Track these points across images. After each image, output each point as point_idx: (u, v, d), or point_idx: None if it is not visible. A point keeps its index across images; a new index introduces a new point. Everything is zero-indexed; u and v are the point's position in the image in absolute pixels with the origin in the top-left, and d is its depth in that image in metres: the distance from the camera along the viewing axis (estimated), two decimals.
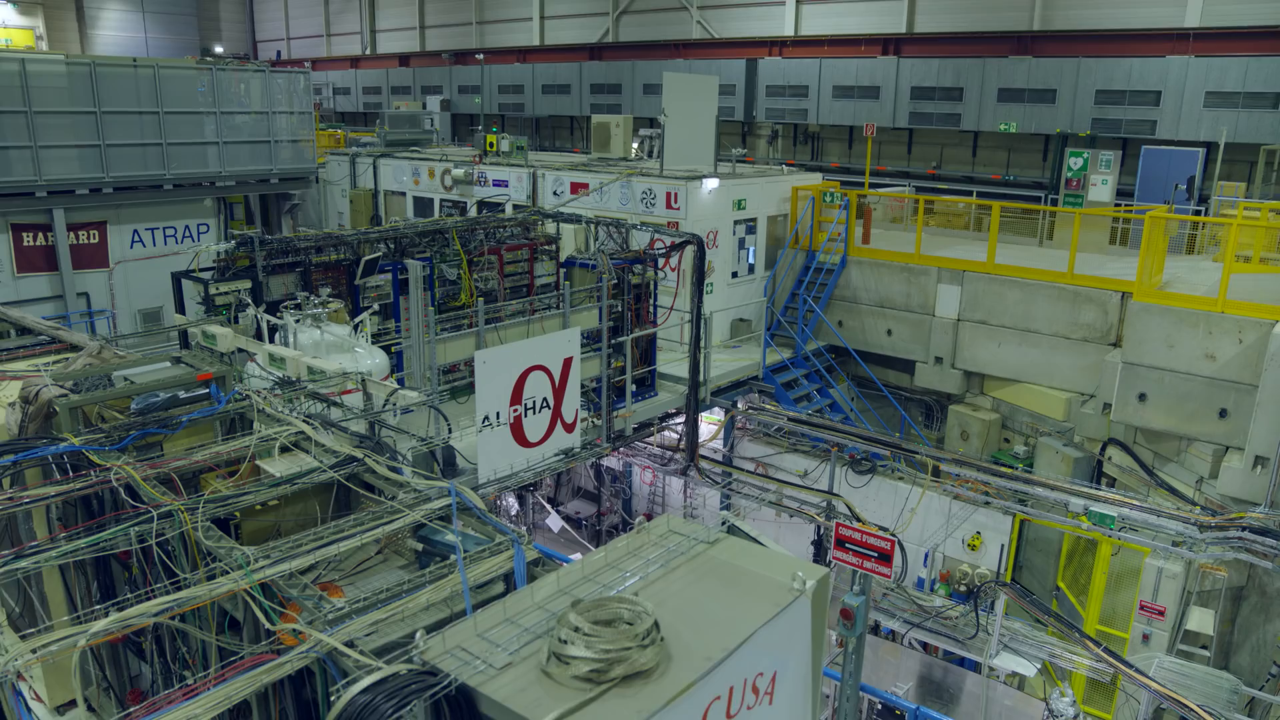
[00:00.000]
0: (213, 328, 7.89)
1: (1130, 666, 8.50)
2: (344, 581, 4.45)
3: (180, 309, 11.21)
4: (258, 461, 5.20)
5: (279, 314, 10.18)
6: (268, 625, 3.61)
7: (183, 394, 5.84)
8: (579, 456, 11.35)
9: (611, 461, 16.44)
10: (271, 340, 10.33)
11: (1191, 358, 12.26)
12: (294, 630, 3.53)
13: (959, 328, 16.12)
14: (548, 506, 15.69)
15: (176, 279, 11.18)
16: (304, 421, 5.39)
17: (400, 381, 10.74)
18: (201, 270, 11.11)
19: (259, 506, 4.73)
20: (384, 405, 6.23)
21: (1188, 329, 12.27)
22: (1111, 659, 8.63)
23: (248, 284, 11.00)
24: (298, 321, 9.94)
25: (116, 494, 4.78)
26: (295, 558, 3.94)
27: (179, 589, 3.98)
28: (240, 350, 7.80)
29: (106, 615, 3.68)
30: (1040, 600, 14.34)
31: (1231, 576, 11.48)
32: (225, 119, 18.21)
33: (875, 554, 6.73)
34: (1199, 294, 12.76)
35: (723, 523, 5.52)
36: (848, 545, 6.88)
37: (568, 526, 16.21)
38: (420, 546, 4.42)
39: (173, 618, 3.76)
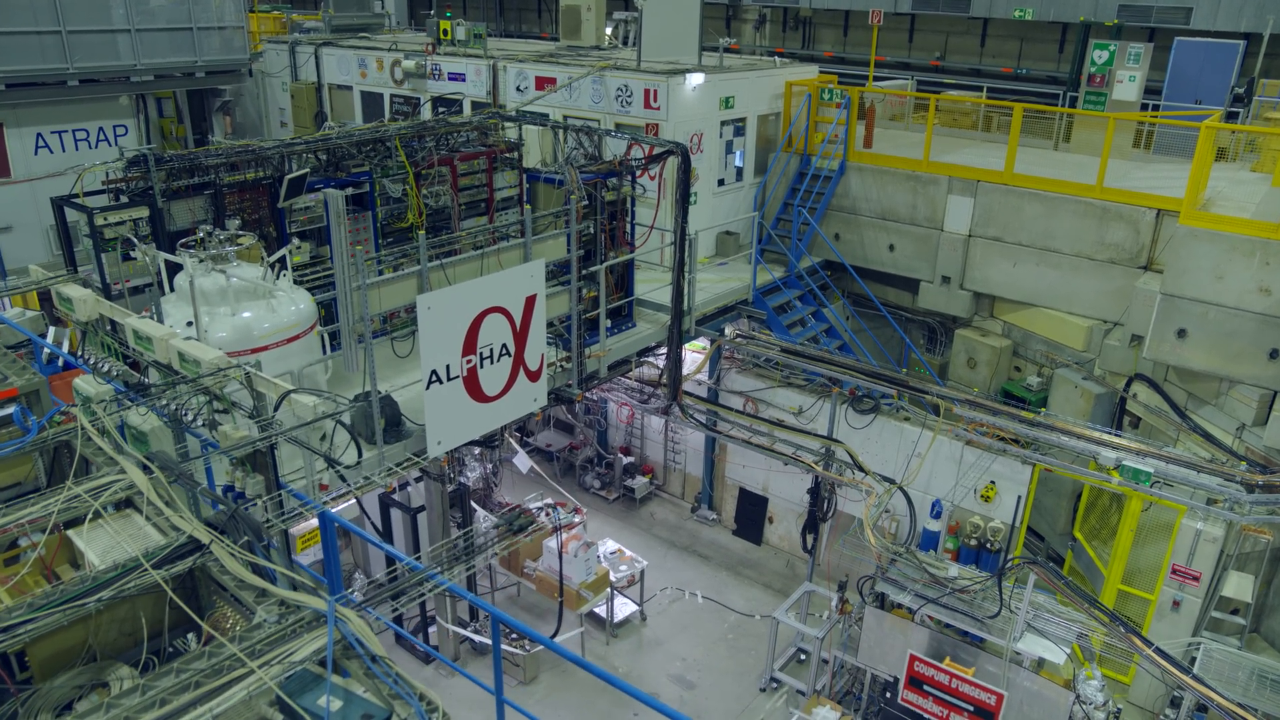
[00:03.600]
0: (69, 288, 6.17)
1: (1186, 672, 7.34)
2: None
3: (66, 244, 9.36)
4: (70, 534, 3.64)
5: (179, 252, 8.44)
6: None
7: None
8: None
9: None
10: (172, 286, 8.63)
11: (1242, 291, 10.79)
12: None
13: (970, 244, 14.52)
14: (515, 445, 14.28)
15: (59, 206, 9.29)
16: (141, 469, 3.81)
17: (335, 337, 9.07)
18: (88, 195, 9.23)
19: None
20: (271, 417, 4.65)
21: (1241, 258, 10.75)
22: (1164, 661, 7.46)
23: (145, 212, 9.17)
24: (200, 263, 8.21)
25: None
26: None
27: None
28: (101, 319, 6.11)
29: None
30: (1053, 549, 13.30)
31: (1273, 537, 10.35)
32: (138, 3, 15.81)
33: (971, 708, 4.90)
34: (1248, 215, 11.20)
35: None
36: (928, 689, 5.01)
37: (536, 467, 14.86)
38: (280, 719, 2.96)
39: None
